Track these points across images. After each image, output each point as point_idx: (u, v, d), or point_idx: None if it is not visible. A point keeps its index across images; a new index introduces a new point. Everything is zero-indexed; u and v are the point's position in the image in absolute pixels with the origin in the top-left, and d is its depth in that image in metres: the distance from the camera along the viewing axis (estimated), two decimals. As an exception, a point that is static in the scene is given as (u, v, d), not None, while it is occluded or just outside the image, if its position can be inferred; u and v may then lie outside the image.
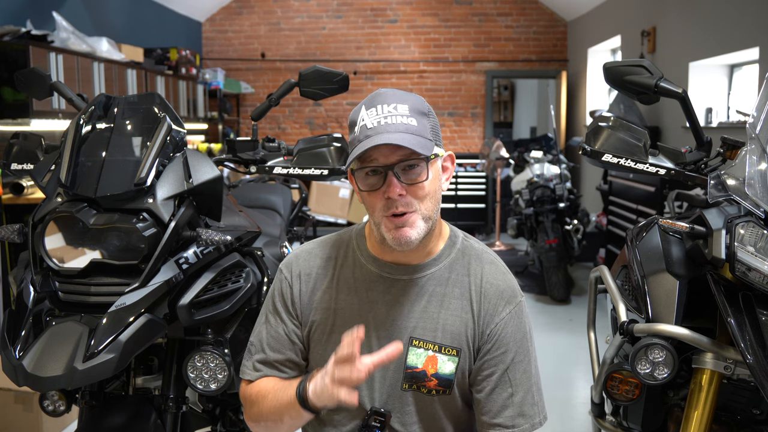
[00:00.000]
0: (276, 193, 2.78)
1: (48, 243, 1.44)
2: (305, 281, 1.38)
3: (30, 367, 1.31)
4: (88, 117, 1.58)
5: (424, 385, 1.33)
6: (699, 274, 1.51)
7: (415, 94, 1.31)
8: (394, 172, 1.22)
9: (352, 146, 1.26)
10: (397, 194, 1.22)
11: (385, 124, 1.23)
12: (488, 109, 8.14)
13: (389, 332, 1.33)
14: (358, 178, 1.26)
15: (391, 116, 1.23)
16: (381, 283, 1.35)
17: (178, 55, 6.15)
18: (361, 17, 8.03)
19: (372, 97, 1.28)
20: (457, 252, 1.37)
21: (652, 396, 1.61)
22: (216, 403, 1.91)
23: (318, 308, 1.37)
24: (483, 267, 1.37)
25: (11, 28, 3.88)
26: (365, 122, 1.25)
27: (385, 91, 1.29)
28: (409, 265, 1.34)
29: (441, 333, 1.32)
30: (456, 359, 1.32)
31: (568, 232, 5.19)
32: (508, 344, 1.32)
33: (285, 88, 1.84)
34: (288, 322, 1.38)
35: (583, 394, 3.43)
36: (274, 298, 1.40)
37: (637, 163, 1.65)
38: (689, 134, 2.09)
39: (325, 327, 1.36)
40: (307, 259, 1.40)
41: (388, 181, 1.23)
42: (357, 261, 1.38)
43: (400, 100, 1.26)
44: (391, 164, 1.22)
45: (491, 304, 1.34)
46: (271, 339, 1.38)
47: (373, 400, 1.34)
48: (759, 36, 3.91)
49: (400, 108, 1.25)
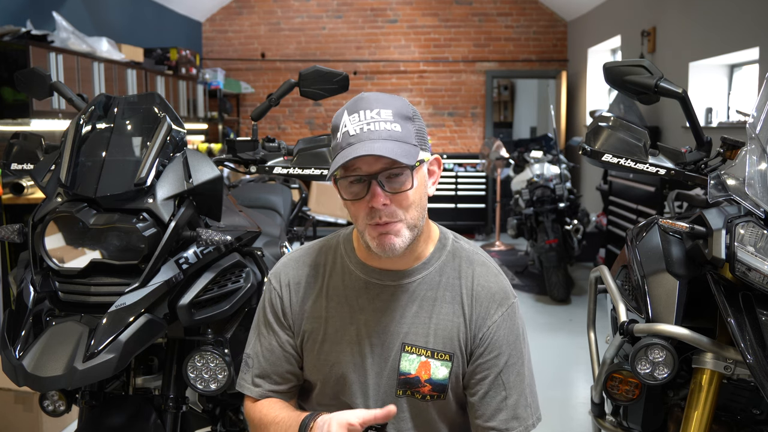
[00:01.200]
0: (276, 193, 2.78)
1: (48, 243, 1.44)
2: (294, 290, 1.37)
3: (30, 367, 1.31)
4: (88, 117, 1.58)
5: (418, 391, 1.31)
6: (699, 274, 1.51)
7: (400, 96, 1.27)
8: (378, 181, 1.18)
9: (335, 153, 1.22)
10: (381, 204, 1.18)
11: (368, 131, 1.18)
12: (488, 109, 8.13)
13: (381, 339, 1.32)
14: (341, 187, 1.23)
15: (374, 122, 1.19)
16: (371, 290, 1.33)
17: (178, 55, 6.15)
18: (361, 17, 8.03)
19: (355, 101, 1.23)
20: (448, 254, 1.35)
21: (652, 396, 1.61)
22: (216, 403, 1.91)
23: (309, 317, 1.35)
24: (474, 269, 1.34)
25: (11, 28, 3.88)
26: (347, 128, 1.20)
27: (368, 95, 1.23)
28: (399, 271, 1.32)
29: (433, 338, 1.30)
30: (449, 364, 1.30)
31: (568, 232, 5.19)
32: (501, 347, 1.30)
33: (285, 88, 1.84)
34: (281, 333, 1.36)
35: (583, 394, 3.43)
36: (265, 310, 1.39)
37: (637, 163, 1.65)
38: (689, 134, 2.09)
39: (317, 336, 1.34)
40: (295, 268, 1.38)
41: (371, 190, 1.19)
42: (346, 268, 1.35)
43: (384, 104, 1.21)
44: (375, 173, 1.18)
45: (483, 307, 1.31)
46: (266, 351, 1.37)
47: (368, 407, 1.32)
48: (759, 36, 3.91)
49: (383, 113, 1.20)
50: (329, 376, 1.34)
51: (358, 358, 1.32)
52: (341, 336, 1.33)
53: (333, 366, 1.33)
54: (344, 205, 1.27)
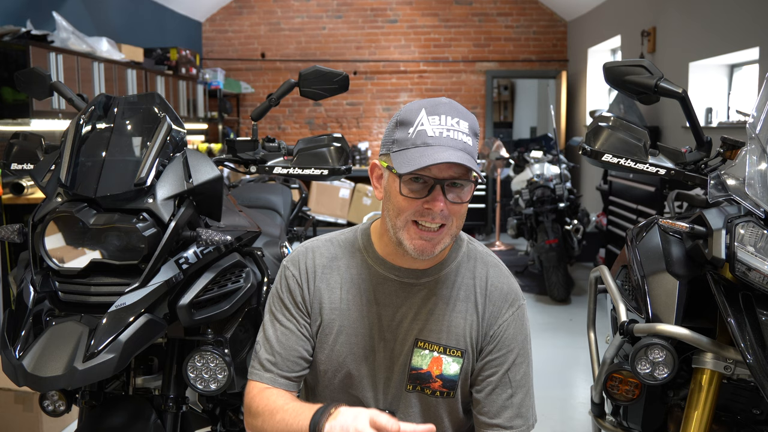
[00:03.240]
0: (276, 193, 2.77)
1: (48, 243, 1.44)
2: (311, 279, 1.37)
3: (30, 367, 1.31)
4: (88, 117, 1.58)
5: (428, 387, 1.33)
6: (699, 274, 1.51)
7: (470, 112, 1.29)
8: (443, 188, 1.22)
9: (402, 146, 1.23)
10: (440, 209, 1.21)
11: (447, 138, 1.21)
12: (488, 109, 8.13)
13: (394, 334, 1.34)
14: (404, 181, 1.23)
15: (454, 131, 1.22)
16: (389, 286, 1.35)
17: (178, 55, 6.15)
18: (361, 17, 8.03)
19: (435, 103, 1.25)
20: (463, 255, 1.38)
21: (652, 396, 1.61)
22: (216, 403, 1.91)
23: (324, 308, 1.36)
24: (488, 270, 1.38)
25: (11, 28, 3.88)
26: (425, 128, 1.22)
27: (448, 101, 1.26)
28: (418, 270, 1.34)
29: (446, 335, 1.33)
30: (461, 360, 1.33)
31: (568, 232, 5.19)
32: (510, 345, 1.34)
33: (285, 88, 1.84)
34: (299, 318, 1.36)
35: (583, 394, 3.43)
36: (281, 294, 1.38)
37: (637, 163, 1.65)
38: (689, 134, 2.09)
39: (332, 328, 1.35)
40: (313, 258, 1.39)
41: (434, 194, 1.21)
42: (364, 262, 1.37)
43: (463, 116, 1.25)
44: (444, 179, 1.21)
45: (495, 306, 1.35)
46: (281, 335, 1.35)
47: (377, 401, 1.35)
48: (759, 36, 3.91)
49: (462, 124, 1.23)
50: (340, 368, 1.35)
51: (370, 352, 1.34)
52: (355, 329, 1.34)
53: (345, 358, 1.34)
54: (379, 194, 1.30)
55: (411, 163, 1.20)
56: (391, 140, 1.26)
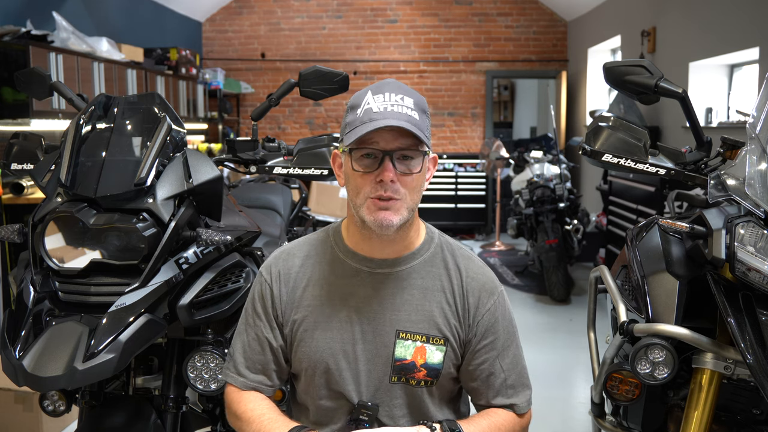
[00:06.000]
0: (276, 193, 2.77)
1: (48, 243, 1.44)
2: (285, 281, 1.39)
3: (30, 367, 1.31)
4: (88, 117, 1.58)
5: (412, 377, 1.34)
6: (699, 274, 1.51)
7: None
8: (392, 159, 1.25)
9: (351, 127, 1.27)
10: (389, 179, 1.24)
11: (392, 111, 1.25)
12: (488, 109, 8.13)
13: (372, 326, 1.34)
14: (354, 158, 1.27)
15: (398, 105, 1.26)
16: (362, 278, 1.36)
17: (178, 55, 6.15)
18: (361, 17, 8.03)
19: (380, 84, 1.30)
20: (436, 247, 1.40)
21: (652, 396, 1.61)
22: (216, 403, 1.90)
23: (299, 307, 1.37)
24: (461, 262, 1.40)
25: (11, 28, 3.88)
26: (371, 106, 1.26)
27: (393, 81, 1.32)
28: (389, 259, 1.36)
29: (427, 324, 1.35)
30: (444, 348, 1.35)
31: (568, 232, 5.19)
32: (496, 332, 1.37)
33: (285, 88, 1.84)
34: (266, 326, 1.38)
35: (583, 394, 3.43)
36: (254, 302, 1.40)
37: (637, 163, 1.65)
38: (689, 134, 2.09)
39: (308, 324, 1.36)
40: (285, 260, 1.41)
41: (384, 165, 1.25)
42: (336, 257, 1.39)
43: (407, 93, 1.29)
44: (390, 150, 1.25)
45: (475, 297, 1.37)
46: (252, 342, 1.38)
47: (360, 393, 1.35)
48: (759, 36, 3.91)
49: (406, 100, 1.28)
50: (318, 363, 1.35)
51: (349, 345, 1.34)
52: (332, 323, 1.35)
53: (322, 353, 1.35)
54: (340, 180, 1.34)
55: (356, 135, 1.24)
56: (344, 125, 1.31)
